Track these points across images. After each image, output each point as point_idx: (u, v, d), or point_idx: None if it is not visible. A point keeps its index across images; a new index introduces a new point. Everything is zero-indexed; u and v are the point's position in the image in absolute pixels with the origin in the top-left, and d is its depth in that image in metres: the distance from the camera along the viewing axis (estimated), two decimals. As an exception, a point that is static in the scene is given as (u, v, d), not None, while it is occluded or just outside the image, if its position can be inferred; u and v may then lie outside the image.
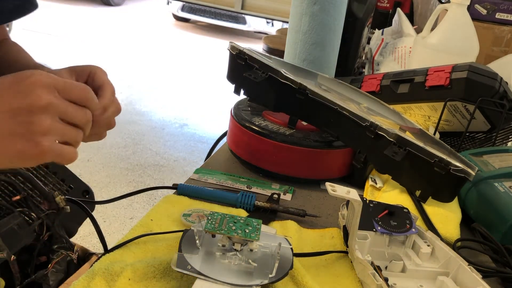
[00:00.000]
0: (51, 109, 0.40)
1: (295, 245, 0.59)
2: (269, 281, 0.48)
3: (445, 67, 0.85)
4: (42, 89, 0.40)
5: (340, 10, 0.99)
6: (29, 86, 0.39)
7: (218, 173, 0.78)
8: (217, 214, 0.53)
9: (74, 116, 0.42)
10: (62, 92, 0.41)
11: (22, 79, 0.40)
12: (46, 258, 0.90)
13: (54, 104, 0.40)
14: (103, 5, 6.50)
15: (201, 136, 3.18)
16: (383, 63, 1.26)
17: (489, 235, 0.63)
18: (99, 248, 0.64)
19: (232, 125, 0.82)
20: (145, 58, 4.63)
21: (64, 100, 0.41)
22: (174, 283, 0.51)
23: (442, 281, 0.54)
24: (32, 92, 0.39)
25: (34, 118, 0.39)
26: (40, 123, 0.39)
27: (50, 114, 0.40)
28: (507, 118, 0.83)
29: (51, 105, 0.40)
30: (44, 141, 0.40)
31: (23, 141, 0.39)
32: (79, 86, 0.43)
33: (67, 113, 0.42)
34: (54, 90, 0.41)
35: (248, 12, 5.31)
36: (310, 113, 0.76)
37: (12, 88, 0.40)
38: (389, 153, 0.66)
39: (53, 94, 0.40)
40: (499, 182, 0.69)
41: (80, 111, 0.43)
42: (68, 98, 0.42)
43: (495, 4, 1.34)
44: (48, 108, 0.40)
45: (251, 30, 5.74)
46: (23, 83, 0.40)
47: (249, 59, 0.78)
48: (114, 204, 2.20)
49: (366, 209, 0.59)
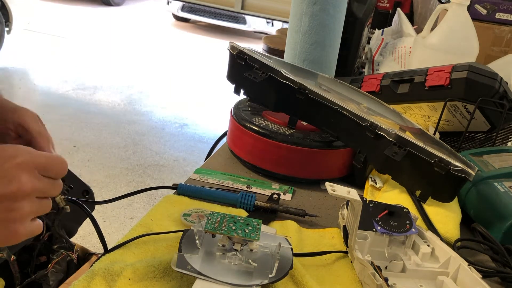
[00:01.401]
0: (32, 193, 0.39)
1: (295, 245, 0.59)
2: (269, 281, 0.48)
3: (445, 67, 0.85)
4: (25, 173, 0.39)
5: (340, 10, 0.99)
6: (12, 171, 0.38)
7: (218, 173, 0.78)
8: (217, 214, 0.53)
9: (50, 192, 0.42)
10: (43, 171, 0.41)
11: (5, 159, 0.38)
12: (46, 258, 0.90)
13: (36, 188, 0.39)
14: (103, 5, 6.50)
15: (201, 136, 3.18)
16: (383, 63, 1.26)
17: (489, 235, 0.64)
18: (99, 248, 0.64)
19: (232, 125, 0.82)
20: (145, 58, 4.63)
21: (43, 179, 0.41)
22: (174, 283, 0.51)
23: (442, 281, 0.54)
24: (16, 178, 0.38)
25: (15, 205, 0.38)
26: (21, 209, 0.39)
27: (31, 197, 0.40)
28: (507, 118, 0.83)
29: (33, 190, 0.39)
30: (21, 228, 0.39)
31: (0, 228, 0.38)
32: (58, 162, 0.42)
33: (45, 191, 0.41)
34: (35, 172, 0.40)
35: (248, 12, 5.32)
36: (310, 113, 0.76)
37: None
38: (389, 153, 0.66)
39: (35, 177, 0.40)
40: (499, 182, 0.69)
41: (56, 186, 0.43)
42: (47, 175, 0.41)
43: (495, 4, 1.34)
44: (30, 194, 0.39)
45: (251, 30, 5.74)
46: (6, 164, 0.38)
47: (249, 59, 0.78)
48: (114, 204, 2.20)
49: (366, 209, 0.59)
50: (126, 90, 3.73)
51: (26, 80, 3.74)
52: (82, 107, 3.32)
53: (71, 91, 3.57)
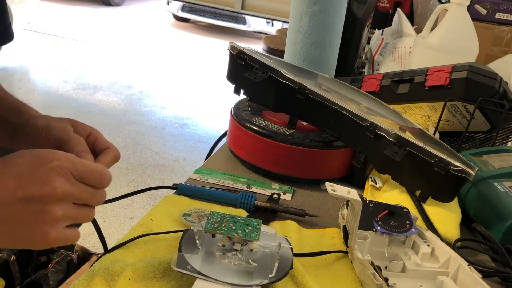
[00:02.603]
0: (65, 198, 0.40)
1: (295, 245, 0.59)
2: (269, 281, 0.48)
3: (445, 67, 0.85)
4: (59, 178, 0.39)
5: (340, 10, 0.99)
6: (47, 174, 0.39)
7: (218, 173, 0.78)
8: (217, 214, 0.53)
9: (88, 200, 0.42)
10: (80, 178, 0.41)
11: (42, 163, 0.39)
12: (46, 258, 0.90)
13: (69, 193, 0.40)
14: (103, 5, 6.50)
15: (201, 136, 3.18)
16: (383, 63, 1.26)
17: (489, 235, 0.64)
18: (99, 248, 0.64)
19: (232, 125, 0.82)
20: (145, 58, 4.63)
21: (80, 185, 0.41)
22: (174, 283, 0.51)
23: (442, 281, 0.54)
24: (50, 181, 0.38)
25: (47, 208, 0.39)
26: (53, 213, 0.39)
27: (64, 202, 0.40)
28: (507, 118, 0.83)
29: (66, 195, 0.40)
30: (52, 231, 0.39)
31: (31, 230, 0.39)
32: (97, 171, 0.42)
33: (81, 199, 0.41)
34: (71, 177, 0.40)
35: (248, 12, 5.31)
36: (310, 113, 0.76)
37: (31, 173, 0.39)
38: (389, 153, 0.66)
39: (69, 183, 0.40)
40: (499, 182, 0.69)
41: (95, 195, 0.42)
42: (85, 183, 0.41)
43: (495, 4, 1.34)
44: (63, 198, 0.39)
45: (251, 30, 5.74)
46: (42, 168, 0.39)
47: (249, 59, 0.78)
48: (114, 204, 2.20)
49: (366, 209, 0.59)
50: (126, 90, 3.73)
51: (26, 80, 3.74)
52: (82, 107, 3.32)
53: (71, 91, 3.57)
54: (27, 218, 0.38)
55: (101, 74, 4.01)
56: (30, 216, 0.38)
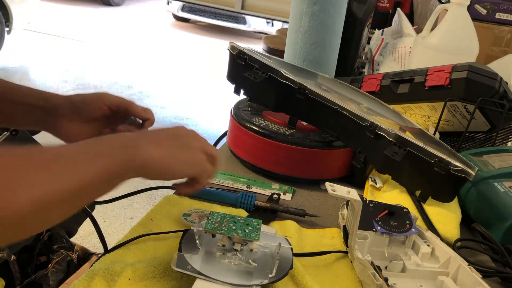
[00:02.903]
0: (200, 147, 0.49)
1: (295, 245, 0.59)
2: (269, 281, 0.48)
3: (445, 67, 0.85)
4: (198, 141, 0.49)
5: (340, 10, 0.99)
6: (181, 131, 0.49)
7: (218, 173, 0.78)
8: (217, 214, 0.53)
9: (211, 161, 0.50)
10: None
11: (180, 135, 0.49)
12: (46, 258, 0.90)
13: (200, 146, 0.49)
14: (103, 5, 6.50)
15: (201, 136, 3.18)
16: (383, 63, 1.26)
17: (489, 235, 0.64)
18: (99, 248, 0.64)
19: (232, 125, 0.82)
20: (145, 58, 4.63)
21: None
22: (174, 283, 0.51)
23: (442, 281, 0.54)
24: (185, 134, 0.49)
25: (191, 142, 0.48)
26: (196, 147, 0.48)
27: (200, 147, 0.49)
28: (507, 118, 0.83)
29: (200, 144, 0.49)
30: (202, 156, 0.48)
31: (188, 152, 0.47)
32: (216, 151, 0.51)
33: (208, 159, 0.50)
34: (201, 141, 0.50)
35: (248, 12, 5.31)
36: (310, 113, 0.76)
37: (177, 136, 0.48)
38: (389, 153, 0.66)
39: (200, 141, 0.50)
40: (499, 182, 0.69)
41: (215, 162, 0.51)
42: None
43: (495, 4, 1.34)
44: (198, 146, 0.49)
45: (251, 30, 5.74)
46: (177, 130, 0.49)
47: (249, 59, 0.78)
48: (114, 204, 2.20)
49: (366, 209, 0.59)
50: (126, 90, 3.73)
51: (26, 80, 3.74)
52: (82, 107, 3.32)
53: (71, 91, 3.57)
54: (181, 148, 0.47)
55: (101, 74, 4.01)
56: (181, 148, 0.47)
